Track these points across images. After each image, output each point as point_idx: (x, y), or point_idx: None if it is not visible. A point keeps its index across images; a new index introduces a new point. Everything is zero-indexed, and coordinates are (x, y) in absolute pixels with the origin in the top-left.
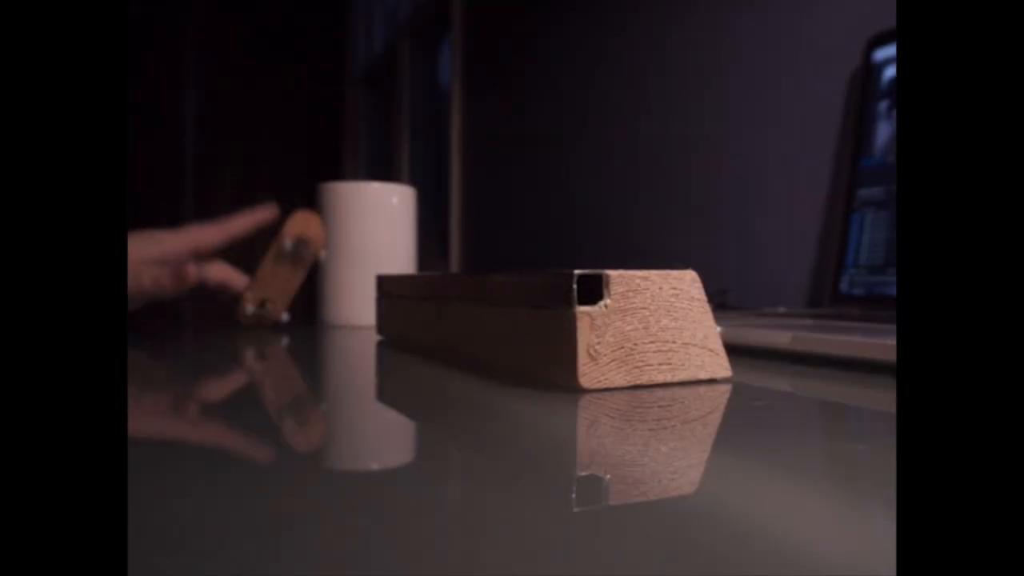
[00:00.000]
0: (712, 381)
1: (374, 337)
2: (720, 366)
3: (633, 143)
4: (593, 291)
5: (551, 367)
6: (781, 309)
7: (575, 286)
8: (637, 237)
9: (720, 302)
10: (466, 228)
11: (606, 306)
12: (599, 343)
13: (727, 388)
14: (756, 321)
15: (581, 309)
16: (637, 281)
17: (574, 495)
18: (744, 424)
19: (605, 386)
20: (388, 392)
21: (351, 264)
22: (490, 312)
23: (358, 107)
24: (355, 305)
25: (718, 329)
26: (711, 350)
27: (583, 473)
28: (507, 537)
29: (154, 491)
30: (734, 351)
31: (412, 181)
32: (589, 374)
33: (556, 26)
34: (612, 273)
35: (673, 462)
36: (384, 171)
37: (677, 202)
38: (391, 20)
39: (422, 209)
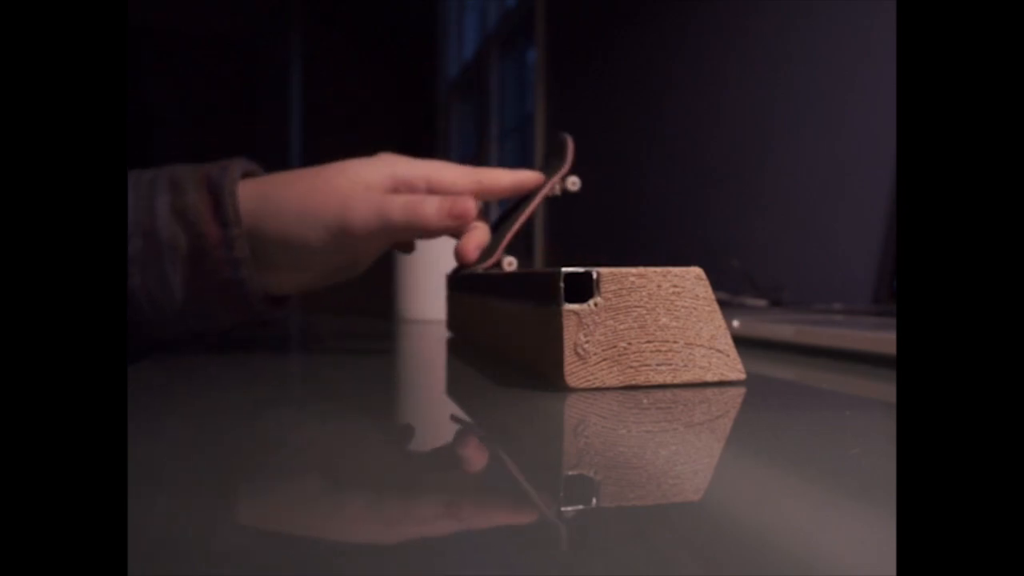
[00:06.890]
0: (722, 383)
1: (441, 333)
2: (730, 368)
3: (702, 141)
4: (586, 289)
5: (543, 365)
6: (838, 306)
7: (562, 284)
8: (709, 232)
9: (775, 300)
10: (552, 226)
11: (595, 304)
12: (587, 342)
13: (738, 392)
14: (794, 317)
15: (568, 307)
16: (631, 279)
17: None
18: (748, 428)
19: (595, 385)
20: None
21: (426, 261)
22: (500, 308)
23: (449, 112)
24: (427, 300)
25: (735, 323)
26: (720, 351)
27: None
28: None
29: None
30: (760, 345)
31: None
32: (576, 373)
33: (632, 38)
34: (603, 271)
35: (641, 463)
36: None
37: (746, 199)
38: (480, 28)
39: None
